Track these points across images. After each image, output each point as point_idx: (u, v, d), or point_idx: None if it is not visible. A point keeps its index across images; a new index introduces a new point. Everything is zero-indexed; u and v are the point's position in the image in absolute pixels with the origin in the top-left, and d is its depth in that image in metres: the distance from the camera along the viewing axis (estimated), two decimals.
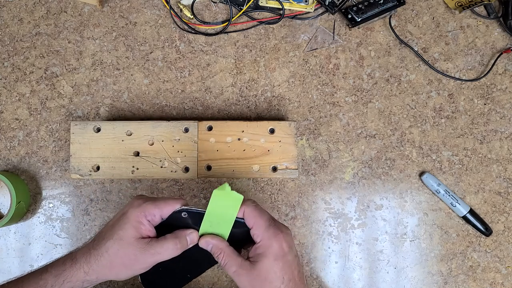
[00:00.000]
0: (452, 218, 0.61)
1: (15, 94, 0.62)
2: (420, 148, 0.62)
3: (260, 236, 0.44)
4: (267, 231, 0.44)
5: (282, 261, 0.43)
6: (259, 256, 0.44)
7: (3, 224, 0.56)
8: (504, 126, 0.63)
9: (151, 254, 0.44)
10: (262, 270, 0.43)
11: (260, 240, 0.44)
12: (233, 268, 0.44)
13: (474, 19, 0.64)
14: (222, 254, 0.45)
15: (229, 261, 0.44)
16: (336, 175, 0.62)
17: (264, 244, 0.44)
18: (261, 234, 0.44)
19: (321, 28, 0.64)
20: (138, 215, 0.44)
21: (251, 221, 0.45)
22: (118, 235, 0.44)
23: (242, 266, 0.44)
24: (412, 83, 0.63)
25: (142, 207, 0.45)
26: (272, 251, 0.43)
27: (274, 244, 0.43)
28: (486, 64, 0.64)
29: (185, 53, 0.63)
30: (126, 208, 0.46)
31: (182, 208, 0.46)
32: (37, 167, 0.61)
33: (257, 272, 0.43)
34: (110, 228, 0.46)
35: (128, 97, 0.62)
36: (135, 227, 0.44)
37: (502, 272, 0.61)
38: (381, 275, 0.60)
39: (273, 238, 0.44)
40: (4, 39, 0.63)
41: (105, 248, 0.44)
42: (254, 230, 0.45)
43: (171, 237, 0.45)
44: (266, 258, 0.43)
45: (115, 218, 0.46)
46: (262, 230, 0.44)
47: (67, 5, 0.63)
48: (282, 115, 0.62)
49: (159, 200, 0.46)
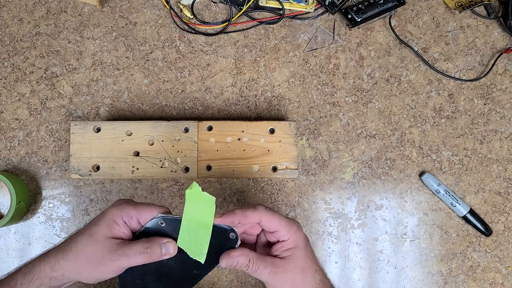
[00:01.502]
0: (452, 218, 0.61)
1: (15, 94, 0.62)
2: (420, 148, 0.62)
3: (287, 235, 0.44)
4: (290, 228, 0.45)
5: (308, 246, 0.46)
6: (291, 250, 0.44)
7: (3, 224, 0.56)
8: (504, 126, 0.63)
9: (118, 255, 0.42)
10: (300, 260, 0.44)
11: (288, 237, 0.44)
12: (267, 270, 0.43)
13: (474, 19, 0.64)
14: (252, 262, 0.43)
15: (261, 265, 0.43)
16: (336, 175, 0.62)
17: (293, 239, 0.44)
18: (287, 233, 0.44)
19: (321, 28, 0.64)
20: (115, 214, 0.43)
21: (272, 227, 0.45)
22: (90, 230, 0.44)
23: (276, 264, 0.44)
24: (412, 83, 0.63)
25: (120, 207, 0.44)
26: (301, 241, 0.45)
27: (301, 237, 0.45)
28: (486, 64, 0.64)
29: (185, 53, 0.63)
30: (107, 208, 0.45)
31: (159, 216, 0.43)
32: (37, 167, 0.61)
33: (294, 264, 0.44)
34: (86, 225, 0.45)
35: (128, 97, 0.62)
36: (108, 225, 0.43)
37: (502, 272, 0.61)
38: (381, 275, 0.61)
39: (298, 233, 0.45)
40: (4, 39, 0.63)
41: (74, 242, 0.44)
42: (277, 233, 0.45)
43: (143, 241, 0.43)
44: (299, 248, 0.44)
45: (96, 216, 0.46)
46: (286, 230, 0.44)
47: (67, 5, 0.63)
48: (282, 115, 0.62)
49: (139, 204, 0.44)
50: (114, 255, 0.42)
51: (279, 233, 0.45)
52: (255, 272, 0.43)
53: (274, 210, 0.47)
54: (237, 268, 0.44)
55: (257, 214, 0.44)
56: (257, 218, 0.44)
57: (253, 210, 0.44)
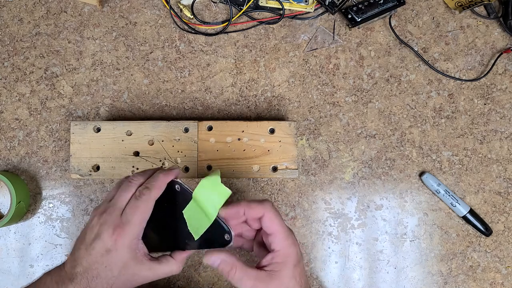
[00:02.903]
0: (452, 218, 0.61)
1: (15, 94, 0.62)
2: (420, 148, 0.62)
3: (279, 245, 0.42)
4: (287, 239, 0.43)
5: (299, 267, 0.43)
6: (279, 265, 0.42)
7: (3, 224, 0.56)
8: (504, 126, 0.63)
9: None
10: (284, 279, 0.42)
11: (280, 248, 0.42)
12: (249, 283, 0.41)
13: (474, 19, 0.64)
14: (234, 269, 0.42)
15: (244, 276, 0.42)
16: (336, 175, 0.62)
17: (285, 252, 0.42)
18: (281, 242, 0.43)
19: (321, 28, 0.64)
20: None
21: (271, 228, 0.43)
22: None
23: (259, 279, 0.42)
24: (412, 83, 0.63)
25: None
26: (292, 259, 0.42)
27: (293, 252, 0.43)
28: (486, 64, 0.64)
29: (185, 53, 0.63)
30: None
31: (178, 181, 0.46)
32: (37, 167, 0.61)
33: (278, 282, 0.41)
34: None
35: (128, 97, 0.62)
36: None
37: (502, 272, 0.61)
38: (381, 275, 0.60)
39: (292, 247, 0.43)
40: (4, 39, 0.63)
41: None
42: (273, 237, 0.43)
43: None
44: (287, 266, 0.42)
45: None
46: (282, 238, 0.43)
47: (67, 5, 0.63)
48: (282, 115, 0.62)
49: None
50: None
51: (274, 238, 0.43)
52: (237, 282, 0.42)
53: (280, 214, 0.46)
54: (219, 271, 0.42)
55: (262, 208, 0.43)
56: (261, 211, 0.43)
57: (259, 203, 0.43)
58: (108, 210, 0.43)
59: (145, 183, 0.45)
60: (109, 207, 0.44)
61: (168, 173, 0.46)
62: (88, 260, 0.43)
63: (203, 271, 0.60)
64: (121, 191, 0.45)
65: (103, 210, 0.44)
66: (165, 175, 0.45)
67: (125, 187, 0.45)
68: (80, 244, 0.44)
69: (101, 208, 0.45)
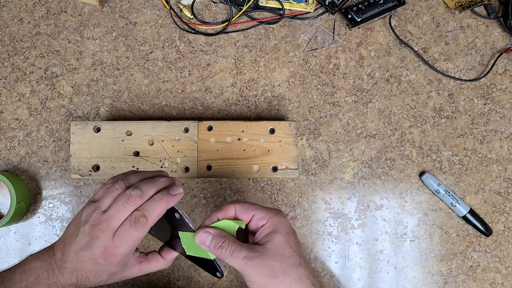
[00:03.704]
0: (452, 218, 0.61)
1: (15, 94, 0.62)
2: (420, 148, 0.62)
3: (264, 218, 0.42)
4: (268, 212, 0.42)
5: (293, 236, 0.41)
6: (270, 235, 0.41)
7: (3, 224, 0.56)
8: (504, 126, 0.63)
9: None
10: (278, 246, 0.40)
11: (267, 220, 0.41)
12: (242, 254, 0.40)
13: (474, 19, 0.64)
14: (226, 241, 0.41)
15: (236, 248, 0.40)
16: (336, 175, 0.62)
17: (272, 222, 0.41)
18: (264, 215, 0.42)
19: (321, 28, 0.64)
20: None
21: (247, 215, 0.42)
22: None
23: (253, 249, 0.40)
24: (412, 83, 0.63)
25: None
26: (283, 226, 0.41)
27: (283, 220, 0.41)
28: (486, 64, 0.64)
29: (185, 53, 0.63)
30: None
31: (179, 211, 0.44)
32: (37, 167, 0.61)
33: (272, 251, 0.40)
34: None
35: (128, 97, 0.62)
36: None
37: (502, 272, 0.61)
38: (381, 275, 0.60)
39: (279, 216, 0.42)
40: (4, 39, 0.63)
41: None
42: (254, 217, 0.42)
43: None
44: (279, 233, 0.40)
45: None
46: (263, 213, 0.42)
47: (67, 5, 0.63)
48: (282, 115, 0.62)
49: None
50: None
51: (256, 216, 0.42)
52: (230, 255, 0.40)
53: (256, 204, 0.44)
54: (211, 249, 0.41)
55: (232, 205, 0.43)
56: (232, 209, 0.43)
57: (228, 204, 0.43)
58: (101, 226, 0.42)
59: (144, 207, 0.42)
60: (102, 222, 0.42)
61: (169, 199, 0.43)
62: (77, 263, 0.42)
63: (203, 271, 0.60)
64: (116, 210, 0.42)
65: (96, 221, 0.42)
66: (167, 202, 0.43)
67: (121, 207, 0.42)
68: (70, 242, 0.43)
69: (94, 215, 0.42)
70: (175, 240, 0.45)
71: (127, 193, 0.42)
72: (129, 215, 0.42)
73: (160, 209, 0.42)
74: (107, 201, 0.43)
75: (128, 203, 0.42)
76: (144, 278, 0.60)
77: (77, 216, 0.44)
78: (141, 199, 0.42)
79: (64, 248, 0.43)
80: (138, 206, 0.42)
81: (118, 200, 0.42)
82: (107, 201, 0.43)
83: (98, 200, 0.44)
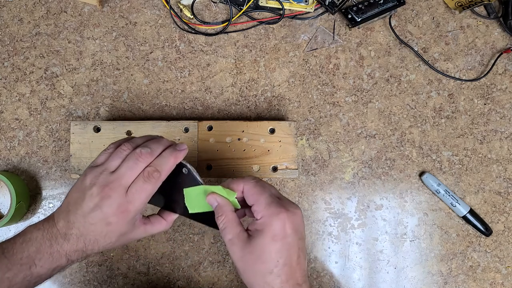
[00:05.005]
0: (452, 218, 0.61)
1: (15, 94, 0.62)
2: (420, 148, 0.62)
3: (260, 213, 0.42)
4: (268, 208, 0.42)
5: (281, 243, 0.41)
6: (257, 233, 0.41)
7: (3, 224, 0.56)
8: (504, 126, 0.63)
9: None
10: (257, 247, 0.41)
11: (261, 217, 0.42)
12: (229, 236, 0.42)
13: (474, 19, 0.64)
14: (223, 216, 0.43)
15: (228, 227, 0.42)
16: (336, 175, 0.62)
17: (264, 221, 0.41)
18: (261, 211, 0.42)
19: (321, 28, 0.64)
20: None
21: (251, 199, 0.43)
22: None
23: (239, 237, 0.42)
24: (412, 83, 0.63)
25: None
26: (271, 230, 0.41)
27: (275, 223, 0.41)
28: (486, 64, 0.64)
29: (185, 53, 0.63)
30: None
31: (187, 165, 0.45)
32: (37, 167, 0.61)
33: (252, 248, 0.41)
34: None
35: (128, 97, 0.62)
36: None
37: (502, 272, 0.61)
38: (381, 275, 0.60)
39: (274, 217, 0.41)
40: (4, 39, 0.63)
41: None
42: (254, 207, 0.42)
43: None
44: (264, 236, 0.41)
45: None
46: (262, 207, 0.42)
47: (67, 5, 0.63)
48: (282, 115, 0.62)
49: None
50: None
51: (255, 207, 0.42)
52: (221, 230, 0.43)
53: (270, 188, 0.44)
54: (215, 210, 0.44)
55: (242, 182, 0.44)
56: (241, 186, 0.44)
57: (239, 179, 0.44)
58: (112, 185, 0.42)
59: (155, 164, 0.44)
60: (113, 181, 0.42)
61: (178, 154, 0.45)
62: (85, 227, 0.42)
63: (203, 271, 0.60)
64: (128, 168, 0.43)
65: (105, 181, 0.43)
66: (176, 157, 0.44)
67: (133, 165, 0.43)
68: (75, 208, 0.43)
69: (102, 177, 0.43)
70: (174, 203, 0.47)
71: (137, 151, 0.44)
72: (141, 171, 0.43)
73: (170, 163, 0.44)
74: (115, 162, 0.44)
75: (140, 160, 0.43)
76: (144, 278, 0.60)
77: (78, 184, 0.44)
78: (152, 156, 0.44)
79: (69, 215, 0.43)
80: (149, 163, 0.44)
81: (128, 159, 0.44)
82: (114, 162, 0.44)
83: (103, 163, 0.44)
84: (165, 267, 0.60)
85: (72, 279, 0.60)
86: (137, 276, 0.60)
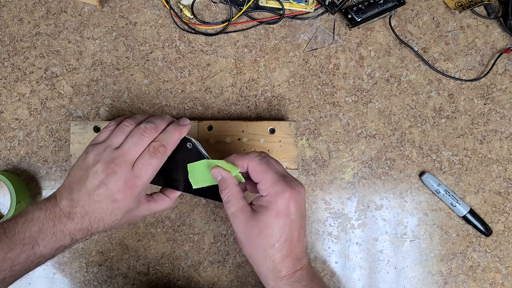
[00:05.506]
0: (452, 218, 0.61)
1: (15, 94, 0.62)
2: (420, 148, 0.62)
3: (266, 191, 0.42)
4: (274, 186, 0.42)
5: (284, 220, 0.42)
6: (262, 208, 0.42)
7: None
8: (504, 126, 0.63)
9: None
10: (261, 222, 0.42)
11: (266, 194, 0.42)
12: (232, 209, 0.43)
13: (474, 19, 0.64)
14: (227, 190, 0.43)
15: (231, 200, 0.43)
16: (336, 175, 0.62)
17: (269, 199, 0.42)
18: (267, 189, 0.42)
19: (321, 28, 0.64)
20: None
21: (256, 176, 0.43)
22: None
23: (243, 210, 0.43)
24: (412, 83, 0.63)
25: None
26: (275, 207, 0.42)
27: (280, 201, 0.42)
28: (486, 64, 0.64)
29: (185, 53, 0.63)
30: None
31: (191, 139, 0.46)
32: (37, 167, 0.61)
33: (255, 223, 0.42)
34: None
35: (128, 97, 0.62)
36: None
37: (502, 272, 0.61)
38: (381, 275, 0.61)
39: (279, 195, 0.42)
40: (4, 39, 0.63)
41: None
42: (259, 185, 0.43)
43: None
44: (268, 212, 0.41)
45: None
46: (268, 185, 0.42)
47: (67, 5, 0.63)
48: (282, 115, 0.62)
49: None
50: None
51: (260, 185, 0.43)
52: (225, 204, 0.43)
53: (275, 164, 0.44)
54: (219, 184, 0.44)
55: (246, 158, 0.44)
56: (245, 162, 0.44)
57: (243, 155, 0.44)
58: (117, 161, 0.42)
59: (160, 138, 0.44)
60: (118, 157, 0.42)
61: (182, 129, 0.45)
62: (90, 205, 0.42)
63: (203, 271, 0.60)
64: (133, 143, 0.43)
65: (109, 158, 0.42)
66: (180, 132, 0.45)
67: (138, 140, 0.43)
68: (79, 186, 0.43)
69: (106, 153, 0.43)
70: (177, 180, 0.47)
71: (141, 126, 0.44)
72: (147, 146, 0.43)
73: (175, 138, 0.45)
74: (119, 139, 0.44)
75: (145, 135, 0.43)
76: (144, 278, 0.60)
77: (80, 162, 0.44)
78: (156, 132, 0.44)
79: (72, 194, 0.43)
80: (153, 139, 0.44)
81: (132, 134, 0.44)
82: (118, 138, 0.44)
83: (105, 140, 0.44)
84: (165, 267, 0.60)
85: (72, 279, 0.60)
86: (137, 276, 0.60)
